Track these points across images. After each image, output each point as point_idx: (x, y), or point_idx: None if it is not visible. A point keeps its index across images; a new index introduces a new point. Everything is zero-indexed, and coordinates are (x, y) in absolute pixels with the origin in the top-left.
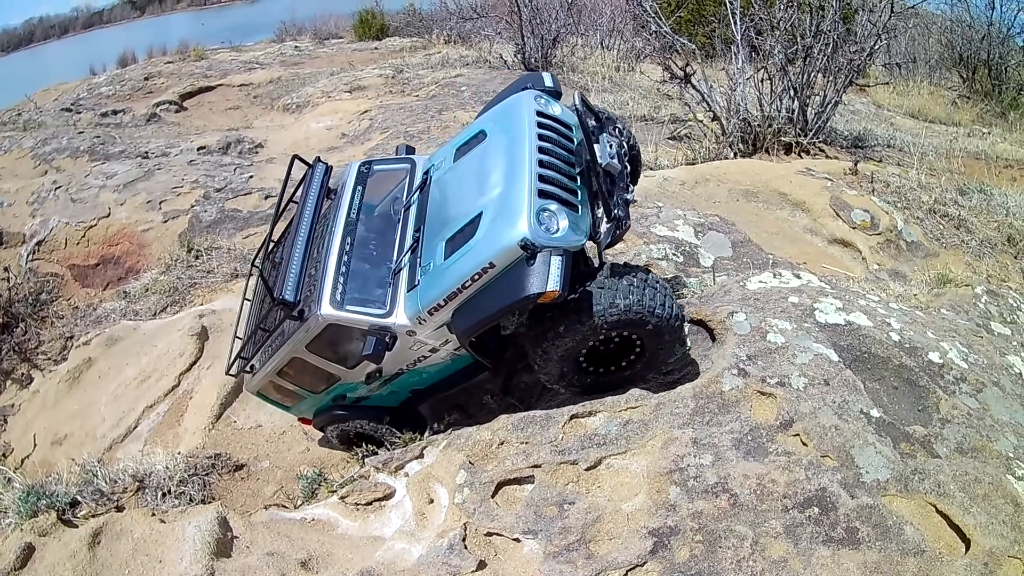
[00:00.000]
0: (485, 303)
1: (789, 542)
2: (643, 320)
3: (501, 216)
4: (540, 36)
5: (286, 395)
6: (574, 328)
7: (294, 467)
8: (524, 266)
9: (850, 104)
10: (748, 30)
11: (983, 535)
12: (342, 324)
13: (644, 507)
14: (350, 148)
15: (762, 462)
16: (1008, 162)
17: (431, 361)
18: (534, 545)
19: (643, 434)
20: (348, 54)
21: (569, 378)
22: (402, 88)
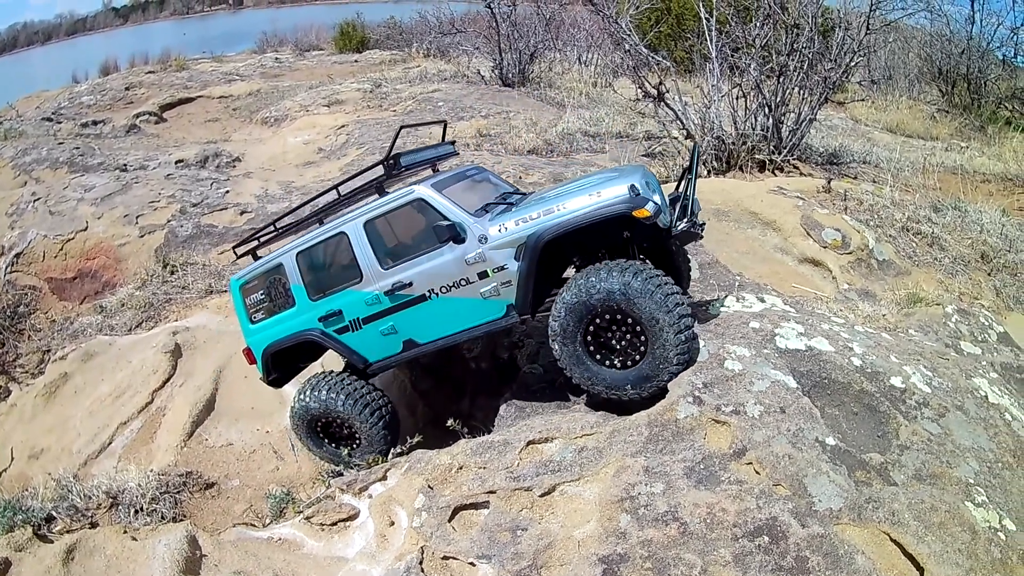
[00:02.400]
0: (576, 218)
1: (738, 571)
2: (627, 303)
3: (614, 180)
4: (518, 51)
5: (273, 298)
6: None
7: (263, 486)
8: (626, 197)
9: (827, 120)
10: (724, 47)
11: (937, 564)
12: (429, 204)
13: (595, 534)
14: (327, 163)
15: (713, 491)
16: (985, 177)
17: (465, 292)
18: (488, 569)
19: (597, 461)
20: (328, 67)
21: (579, 364)
22: (380, 103)
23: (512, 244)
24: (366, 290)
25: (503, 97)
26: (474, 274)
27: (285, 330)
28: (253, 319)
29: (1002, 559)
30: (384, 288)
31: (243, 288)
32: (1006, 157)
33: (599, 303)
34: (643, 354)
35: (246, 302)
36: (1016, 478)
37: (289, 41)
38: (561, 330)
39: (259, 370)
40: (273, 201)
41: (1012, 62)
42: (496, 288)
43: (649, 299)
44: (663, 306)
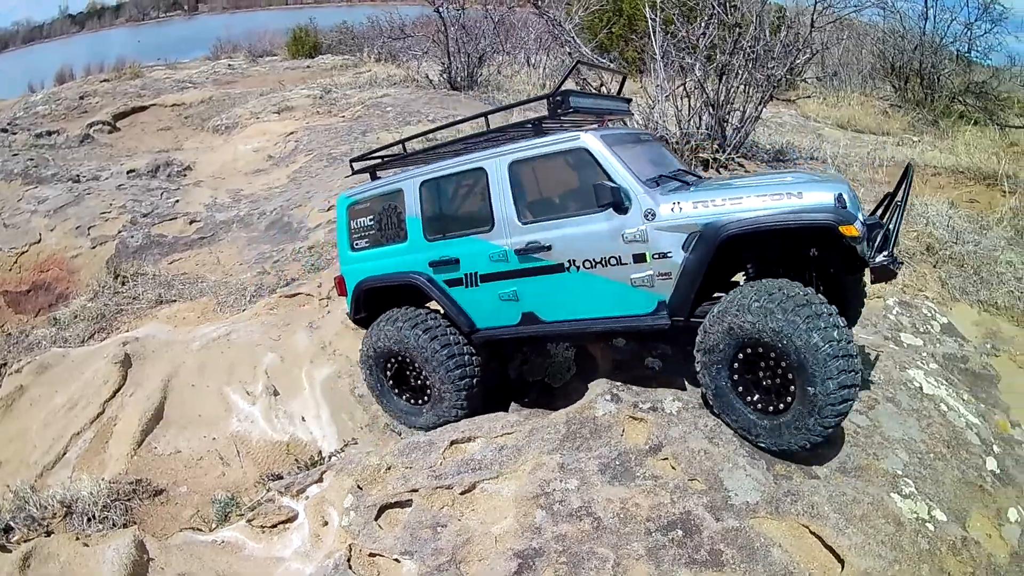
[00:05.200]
0: (769, 216)
1: (651, 564)
2: (784, 353)
3: (819, 184)
4: (466, 55)
5: (383, 228)
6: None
7: (210, 491)
8: (831, 207)
9: (778, 116)
10: (669, 47)
11: (857, 556)
12: (593, 156)
13: (511, 530)
14: (276, 170)
15: (628, 486)
16: (936, 170)
17: (613, 274)
18: (411, 565)
19: (515, 459)
20: (280, 73)
21: (727, 403)
22: (329, 108)
23: (684, 230)
24: (495, 243)
25: (451, 101)
26: (629, 255)
27: (388, 267)
28: (355, 245)
29: (930, 550)
30: (516, 246)
31: (351, 208)
32: (958, 150)
33: (751, 336)
34: (789, 405)
35: (351, 225)
36: (949, 468)
37: (243, 47)
38: (709, 348)
39: (347, 304)
40: (222, 210)
41: (966, 57)
42: (651, 278)
43: (822, 373)
44: (832, 386)
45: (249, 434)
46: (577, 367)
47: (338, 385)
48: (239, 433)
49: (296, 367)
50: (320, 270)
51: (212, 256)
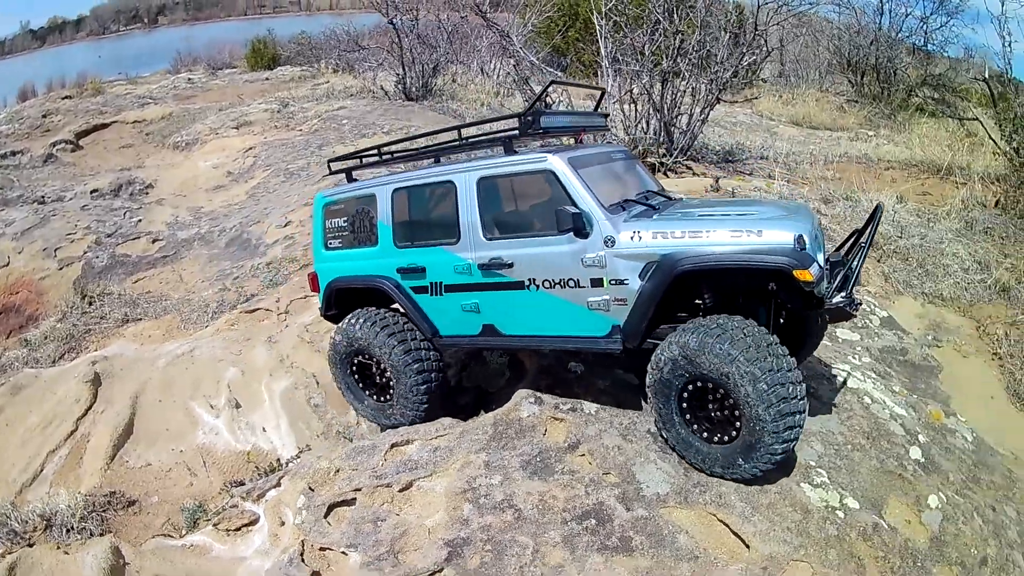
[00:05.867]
0: (724, 255)
1: (566, 550)
2: (736, 393)
3: (781, 222)
4: (421, 65)
5: (356, 230)
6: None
7: (179, 500)
8: (789, 249)
9: (732, 116)
10: (616, 53)
11: (762, 541)
12: (558, 179)
13: (443, 522)
14: (235, 186)
15: (546, 480)
16: (890, 164)
17: (570, 296)
18: (356, 556)
19: (448, 459)
20: (240, 86)
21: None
22: (287, 122)
23: (642, 259)
24: (460, 255)
25: (406, 112)
26: (587, 278)
27: (358, 268)
28: (328, 244)
29: (839, 536)
30: (480, 260)
31: (327, 208)
32: (913, 144)
33: (705, 374)
34: (737, 435)
35: (326, 224)
36: (867, 459)
37: (203, 59)
38: (658, 380)
39: (319, 300)
40: (183, 228)
41: (923, 50)
42: (607, 303)
43: (763, 406)
44: (772, 415)
45: (214, 445)
46: (510, 373)
47: (295, 396)
48: (205, 445)
49: (256, 380)
50: (278, 285)
51: (175, 274)
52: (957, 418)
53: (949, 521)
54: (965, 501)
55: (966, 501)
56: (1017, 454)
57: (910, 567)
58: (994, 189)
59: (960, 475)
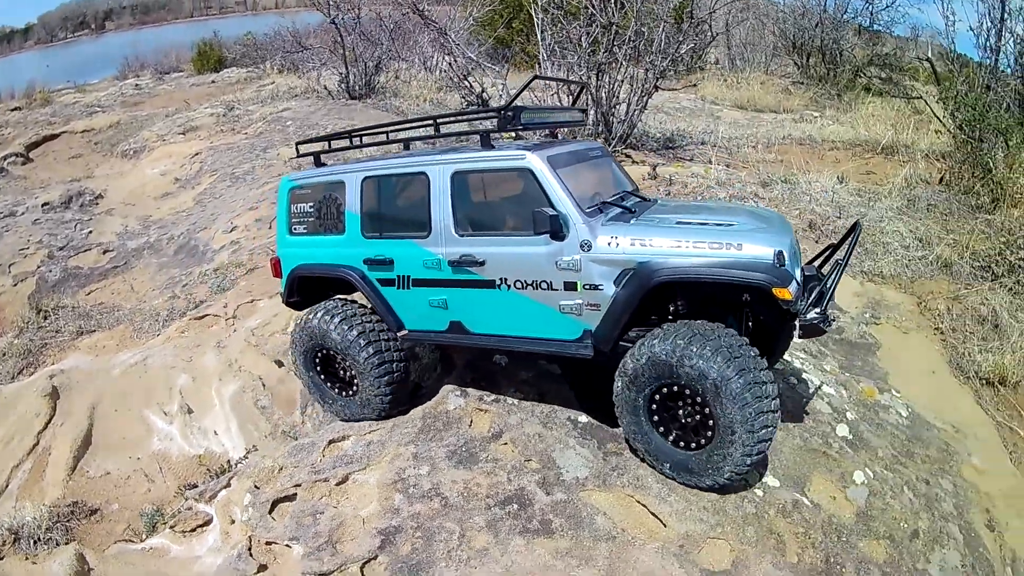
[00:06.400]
0: (702, 269)
1: (490, 534)
2: (713, 397)
3: (761, 235)
4: (363, 63)
5: (322, 217)
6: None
7: (138, 506)
8: (768, 264)
9: (676, 102)
10: (554, 45)
11: (678, 521)
12: (537, 179)
13: (376, 512)
14: (183, 193)
15: (471, 469)
16: (834, 144)
17: (542, 297)
18: (298, 548)
19: (380, 452)
20: (186, 90)
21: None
22: (232, 126)
23: (618, 265)
24: (430, 250)
25: (349, 111)
26: (560, 281)
27: (323, 256)
28: (293, 230)
29: (757, 513)
30: (451, 256)
31: (293, 192)
32: (858, 123)
33: (677, 379)
34: (709, 440)
35: (291, 208)
36: (789, 438)
37: (150, 64)
38: (630, 384)
39: (281, 286)
40: (133, 237)
41: (869, 30)
42: (580, 307)
43: (737, 407)
44: (747, 418)
45: (169, 451)
46: (442, 367)
47: (244, 399)
48: (160, 451)
49: (207, 386)
50: (225, 291)
51: (126, 284)
52: (892, 394)
53: (876, 496)
54: (895, 476)
55: (896, 476)
56: (958, 426)
57: (834, 542)
58: (939, 166)
59: (891, 450)
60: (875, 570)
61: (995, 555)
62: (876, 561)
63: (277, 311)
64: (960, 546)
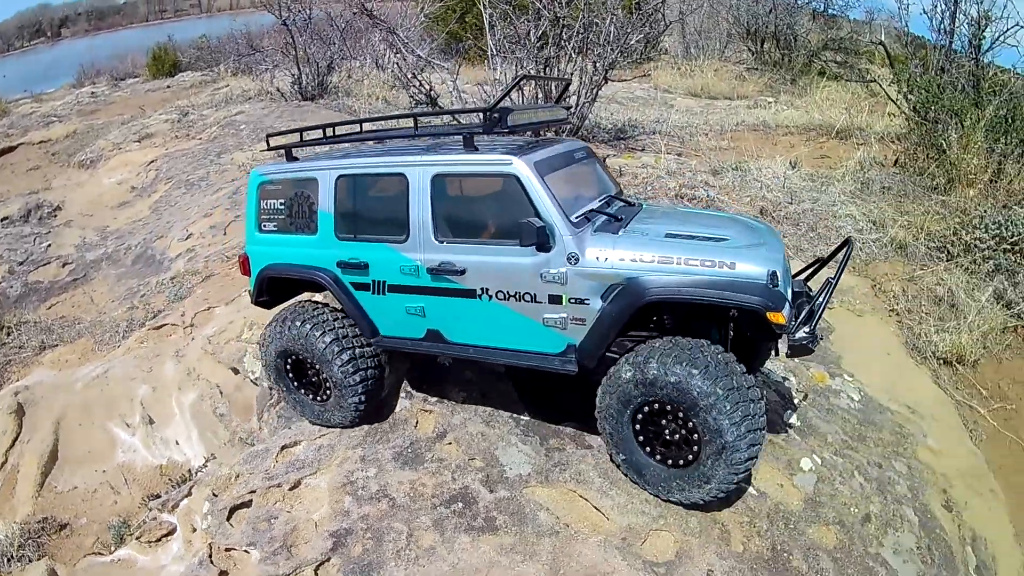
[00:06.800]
0: (695, 290)
1: (437, 533)
2: (702, 419)
3: (754, 253)
4: (316, 64)
5: (294, 215)
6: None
7: (106, 519)
8: (762, 286)
9: (630, 91)
10: (503, 40)
11: (620, 514)
12: (523, 187)
13: (327, 515)
14: (139, 202)
15: (416, 469)
16: (789, 129)
17: (524, 309)
18: (256, 553)
19: (330, 456)
20: (142, 96)
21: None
22: (187, 131)
23: (606, 280)
24: (407, 255)
25: (302, 112)
26: (545, 294)
27: (294, 257)
28: (262, 227)
29: (701, 504)
30: (429, 263)
31: (262, 187)
32: (813, 108)
33: (664, 396)
34: (696, 457)
35: (261, 204)
36: None
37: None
38: (613, 403)
39: (250, 285)
40: (91, 249)
41: (824, 14)
42: (564, 320)
43: (725, 428)
44: (735, 436)
45: (133, 462)
46: (390, 368)
47: (203, 407)
48: (124, 462)
49: (167, 395)
50: (182, 299)
51: (86, 296)
52: (844, 378)
53: (825, 482)
54: (845, 461)
55: (846, 461)
56: (914, 407)
57: (780, 530)
58: (894, 148)
59: (842, 435)
60: (824, 556)
61: (953, 535)
62: (826, 547)
63: (232, 318)
64: (915, 528)
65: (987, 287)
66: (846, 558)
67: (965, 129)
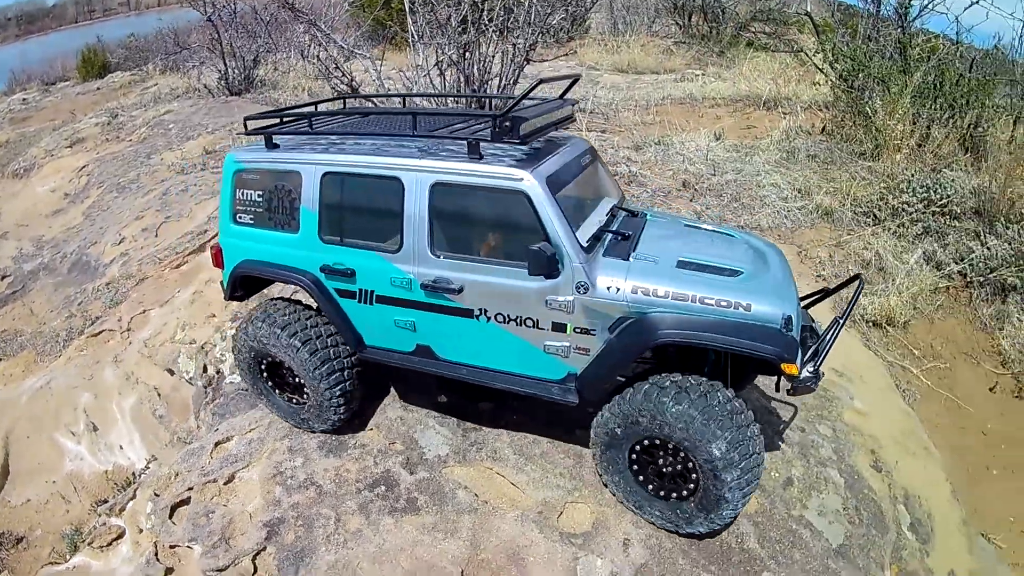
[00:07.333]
0: (709, 335)
1: (362, 516)
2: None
3: (770, 292)
4: (241, 58)
5: (272, 210)
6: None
7: (60, 529)
8: (779, 332)
9: (556, 70)
10: (424, 26)
11: (536, 488)
12: (534, 207)
13: (260, 506)
14: (72, 208)
15: (340, 456)
16: (715, 101)
17: (525, 334)
18: (198, 548)
19: (260, 448)
20: (72, 100)
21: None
22: (117, 134)
23: (616, 311)
24: (399, 267)
25: (229, 108)
26: (548, 321)
27: (272, 255)
28: (237, 218)
29: None
30: (424, 278)
31: (239, 175)
32: (740, 80)
33: (662, 435)
34: (692, 493)
35: (236, 193)
36: None
37: (37, 76)
38: (608, 435)
39: (223, 281)
40: (28, 260)
41: None
42: (567, 349)
43: (727, 472)
44: (735, 476)
45: (81, 471)
46: None
47: (142, 411)
48: (73, 471)
49: (108, 401)
50: (118, 304)
51: (26, 308)
52: None
53: None
54: (765, 426)
55: (766, 427)
56: (841, 370)
57: None
58: (822, 116)
59: (762, 403)
60: (745, 521)
61: (883, 494)
62: (746, 512)
63: (166, 320)
64: (840, 489)
65: (916, 249)
66: (767, 522)
67: (891, 95)
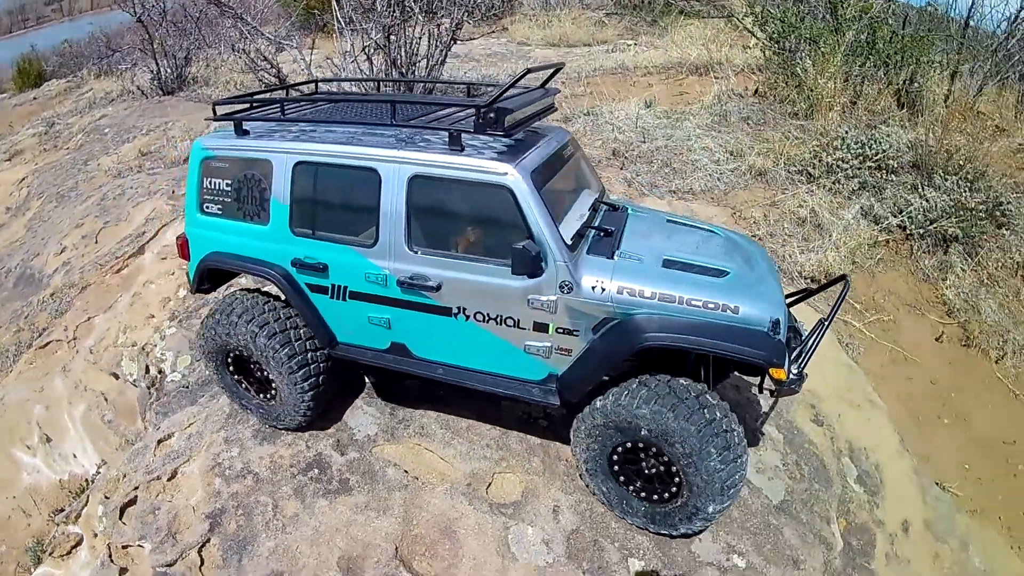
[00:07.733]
0: (695, 339)
1: (298, 500)
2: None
3: (758, 294)
4: (173, 57)
5: (241, 200)
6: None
7: (23, 542)
8: (763, 336)
9: (488, 47)
10: (350, 12)
11: (463, 461)
12: (517, 203)
13: (202, 498)
14: (15, 222)
15: (274, 444)
16: (647, 70)
17: (505, 334)
18: (148, 546)
19: (199, 442)
20: (9, 112)
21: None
22: (55, 143)
23: (600, 312)
24: (375, 263)
25: (163, 108)
26: (530, 320)
27: (240, 247)
28: (204, 208)
29: (542, 444)
30: (400, 274)
31: (206, 163)
32: (672, 46)
33: (643, 438)
34: (675, 495)
35: (203, 182)
36: None
37: None
38: (589, 437)
39: (189, 275)
40: None
41: None
42: (548, 350)
43: (707, 470)
44: (718, 481)
45: (38, 483)
46: None
47: (92, 417)
48: (31, 484)
49: (60, 411)
50: (63, 314)
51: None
52: None
53: None
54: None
55: None
56: None
57: None
58: (754, 79)
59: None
60: None
61: (825, 448)
62: None
63: (109, 325)
64: (779, 445)
65: (853, 205)
66: None
67: (823, 55)
